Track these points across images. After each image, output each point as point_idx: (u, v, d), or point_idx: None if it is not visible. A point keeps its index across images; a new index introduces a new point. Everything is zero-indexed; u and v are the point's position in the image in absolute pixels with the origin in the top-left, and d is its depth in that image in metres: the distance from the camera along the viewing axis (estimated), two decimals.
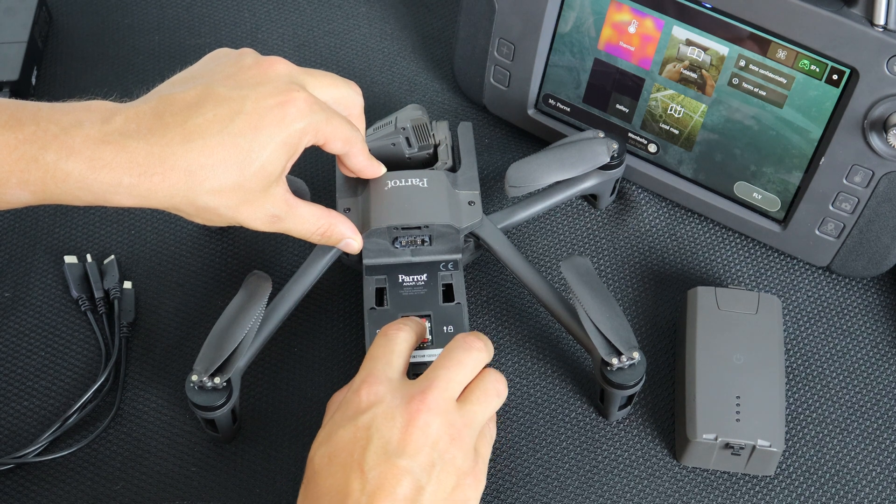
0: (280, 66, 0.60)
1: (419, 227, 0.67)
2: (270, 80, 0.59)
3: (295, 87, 0.58)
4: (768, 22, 0.65)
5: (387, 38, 0.88)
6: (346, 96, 0.63)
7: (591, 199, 0.78)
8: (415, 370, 0.65)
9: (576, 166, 0.72)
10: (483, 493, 0.65)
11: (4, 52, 0.81)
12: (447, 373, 0.57)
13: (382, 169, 0.68)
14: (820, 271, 0.75)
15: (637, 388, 0.64)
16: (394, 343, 0.59)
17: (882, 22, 0.62)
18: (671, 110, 0.73)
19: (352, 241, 0.66)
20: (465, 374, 0.58)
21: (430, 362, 0.64)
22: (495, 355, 0.71)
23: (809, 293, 0.74)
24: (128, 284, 0.73)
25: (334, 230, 0.64)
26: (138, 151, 0.54)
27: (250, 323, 0.62)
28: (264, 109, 0.57)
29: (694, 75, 0.70)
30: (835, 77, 0.65)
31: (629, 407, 0.67)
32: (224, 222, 0.59)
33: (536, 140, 0.80)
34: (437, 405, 0.55)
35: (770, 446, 0.63)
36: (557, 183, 0.72)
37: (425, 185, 0.68)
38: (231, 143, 0.56)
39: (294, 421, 0.68)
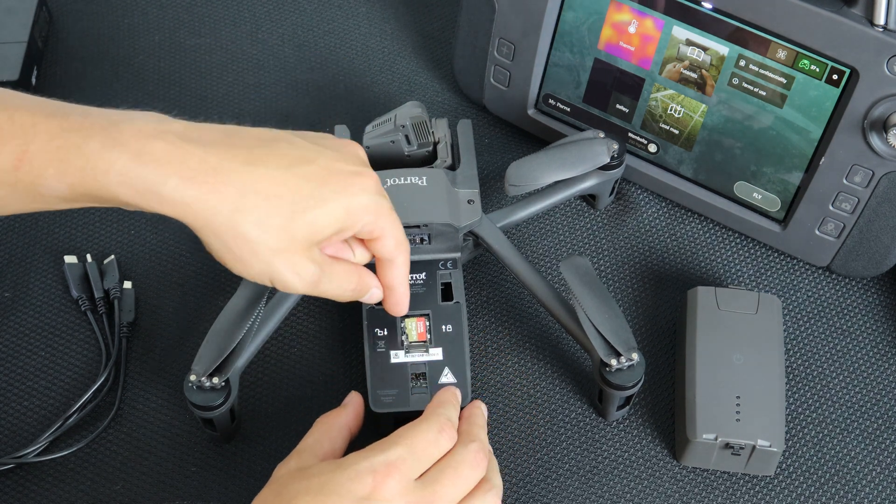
0: (360, 151, 0.60)
1: (418, 226, 0.67)
2: (349, 154, 0.58)
3: (370, 170, 0.58)
4: (768, 22, 0.65)
5: (387, 37, 0.88)
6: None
7: (589, 199, 0.78)
8: (414, 369, 0.65)
9: (576, 166, 0.72)
10: None
11: (4, 52, 0.81)
12: (454, 491, 0.55)
13: (406, 306, 0.64)
14: (820, 271, 0.75)
15: (636, 390, 0.64)
16: (438, 449, 0.56)
17: (882, 22, 0.62)
18: (671, 110, 0.73)
19: (377, 290, 0.62)
20: (466, 490, 0.57)
21: (428, 363, 0.65)
22: (495, 355, 0.71)
23: (809, 293, 0.74)
24: (128, 284, 0.73)
25: (365, 284, 0.61)
26: (192, 155, 0.51)
27: (249, 322, 0.62)
28: (336, 169, 0.56)
29: (694, 75, 0.70)
30: (835, 77, 0.65)
31: (627, 407, 0.67)
32: (252, 268, 0.55)
33: (536, 140, 0.80)
34: None
35: (770, 446, 0.63)
36: (557, 182, 0.72)
37: (424, 184, 0.68)
38: (293, 184, 0.54)
39: (294, 421, 0.68)
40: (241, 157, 0.53)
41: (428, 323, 0.66)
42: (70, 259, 0.73)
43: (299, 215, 0.54)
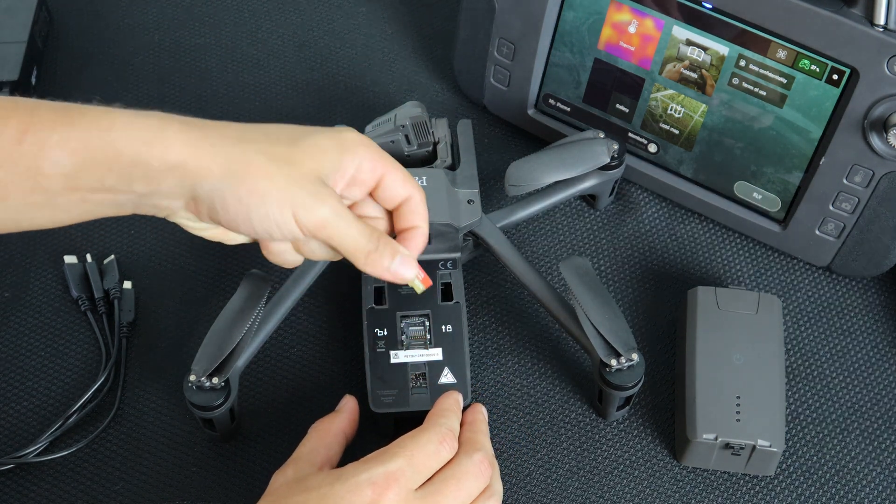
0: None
1: None
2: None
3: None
4: (768, 22, 0.65)
5: (387, 38, 0.88)
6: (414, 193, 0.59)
7: (589, 199, 0.78)
8: (414, 370, 0.65)
9: (576, 166, 0.72)
10: None
11: (4, 52, 0.81)
12: (455, 502, 0.55)
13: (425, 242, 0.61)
14: (820, 271, 0.75)
15: (636, 390, 0.64)
16: (437, 460, 0.56)
17: (882, 22, 0.62)
18: (671, 110, 0.73)
19: (404, 259, 0.58)
20: (468, 501, 0.56)
21: (428, 363, 0.65)
22: (495, 355, 0.71)
23: (809, 293, 0.74)
24: (128, 284, 0.73)
25: (385, 241, 0.58)
26: (192, 122, 0.53)
27: (248, 322, 0.62)
28: (322, 127, 0.57)
29: (694, 75, 0.70)
30: (835, 77, 0.65)
31: (627, 407, 0.67)
32: (270, 207, 0.53)
33: (536, 140, 0.80)
34: None
35: (770, 446, 0.63)
36: (557, 182, 0.72)
37: (424, 184, 0.68)
38: (288, 130, 0.55)
39: (293, 421, 0.68)
40: (233, 127, 0.54)
41: (428, 323, 0.66)
42: (70, 259, 0.73)
43: (300, 141, 0.54)
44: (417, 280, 0.59)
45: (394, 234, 0.60)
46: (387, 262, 0.57)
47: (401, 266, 0.58)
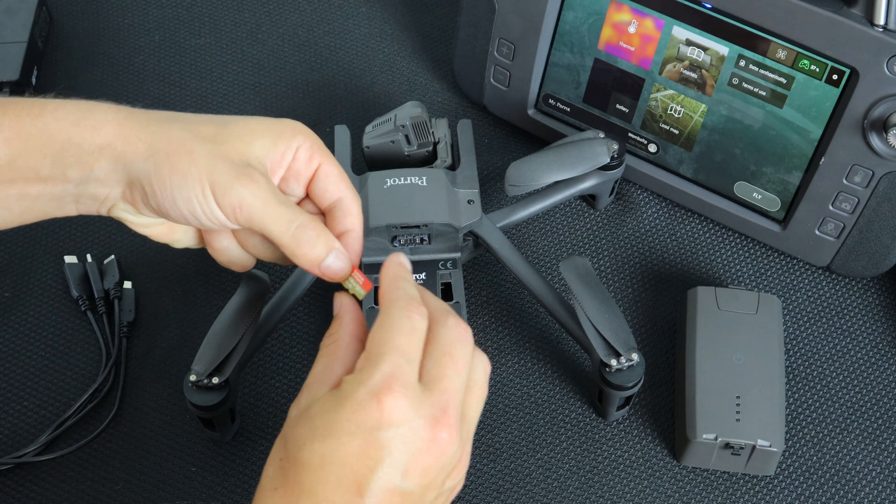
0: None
1: (418, 226, 0.67)
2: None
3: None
4: (768, 22, 0.65)
5: (387, 38, 0.88)
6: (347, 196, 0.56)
7: (589, 199, 0.78)
8: None
9: (576, 166, 0.72)
10: (483, 493, 0.65)
11: (4, 52, 0.81)
12: (460, 380, 0.49)
13: (359, 254, 0.57)
14: (820, 271, 0.75)
15: (636, 390, 0.64)
16: (419, 335, 0.50)
17: (882, 22, 0.62)
18: (671, 110, 0.73)
19: (337, 251, 0.54)
20: (467, 368, 0.50)
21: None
22: (495, 355, 0.71)
23: (809, 293, 0.74)
24: (128, 284, 0.73)
25: (317, 232, 0.54)
26: (122, 106, 0.53)
27: (248, 322, 0.62)
28: (258, 117, 0.56)
29: (694, 75, 0.70)
30: (835, 77, 0.65)
31: (627, 407, 0.67)
32: (190, 185, 0.51)
33: (536, 140, 0.80)
34: (455, 424, 0.48)
35: (770, 446, 0.63)
36: (557, 182, 0.72)
37: (424, 184, 0.68)
38: (219, 118, 0.54)
39: None
40: (169, 112, 0.54)
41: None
42: (70, 259, 0.73)
43: (232, 124, 0.53)
44: (356, 283, 0.54)
45: None
46: (318, 253, 0.53)
47: (335, 262, 0.54)
